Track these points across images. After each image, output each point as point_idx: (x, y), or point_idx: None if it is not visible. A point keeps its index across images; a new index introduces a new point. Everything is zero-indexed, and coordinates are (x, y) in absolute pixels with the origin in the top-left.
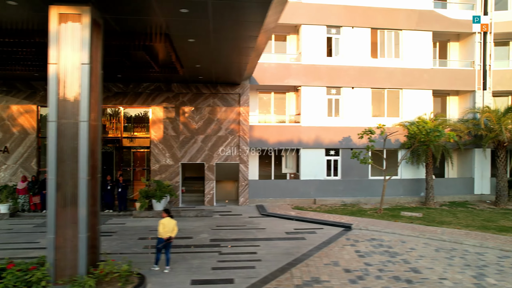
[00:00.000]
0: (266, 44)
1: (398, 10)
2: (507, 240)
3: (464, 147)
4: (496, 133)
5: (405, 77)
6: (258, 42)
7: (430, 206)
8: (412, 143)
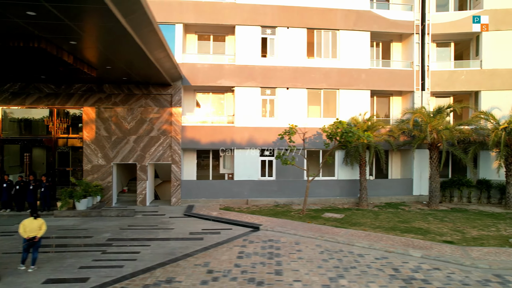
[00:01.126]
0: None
1: (335, 10)
2: (400, 241)
3: (400, 147)
4: (424, 134)
5: (342, 77)
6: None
7: (363, 207)
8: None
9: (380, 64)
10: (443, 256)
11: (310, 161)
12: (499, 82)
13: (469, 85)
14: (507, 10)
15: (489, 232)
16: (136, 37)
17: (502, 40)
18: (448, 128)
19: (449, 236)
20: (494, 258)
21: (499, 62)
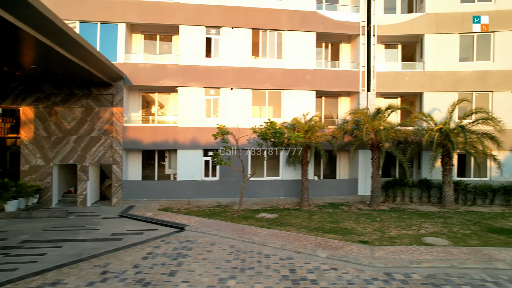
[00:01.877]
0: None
1: (280, 10)
2: (315, 242)
3: (343, 148)
4: (362, 135)
5: (287, 77)
6: None
7: (304, 207)
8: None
9: (329, 65)
10: (346, 256)
11: (255, 161)
12: (440, 84)
13: (413, 86)
14: (447, 14)
15: (409, 231)
16: (37, 34)
17: (443, 43)
18: (386, 128)
19: (368, 236)
20: (394, 257)
21: (440, 65)
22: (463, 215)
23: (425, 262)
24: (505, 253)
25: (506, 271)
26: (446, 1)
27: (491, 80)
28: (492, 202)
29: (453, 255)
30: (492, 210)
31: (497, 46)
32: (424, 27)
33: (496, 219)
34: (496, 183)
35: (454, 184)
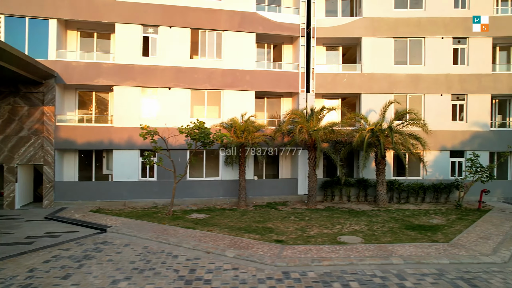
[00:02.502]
0: None
1: (220, 11)
2: (230, 242)
3: (279, 148)
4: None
5: (226, 78)
6: None
7: (241, 207)
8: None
9: (271, 66)
10: (252, 256)
11: (210, 162)
12: (376, 86)
13: (351, 88)
14: (382, 19)
15: (331, 230)
16: None
17: (379, 47)
18: (320, 129)
19: (286, 235)
20: (299, 256)
21: (377, 67)
22: (391, 213)
23: (327, 260)
24: (406, 249)
25: (399, 266)
26: (381, 7)
27: (422, 83)
28: (423, 200)
29: (358, 252)
30: (420, 207)
31: (427, 51)
32: (362, 30)
33: (418, 216)
34: (428, 182)
35: (389, 183)
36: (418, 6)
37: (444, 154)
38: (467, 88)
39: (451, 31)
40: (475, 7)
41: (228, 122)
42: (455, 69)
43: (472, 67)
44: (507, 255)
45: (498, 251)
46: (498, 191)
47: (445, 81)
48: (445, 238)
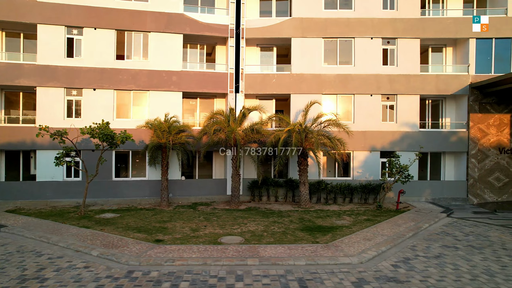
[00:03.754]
0: None
1: (145, 12)
2: (108, 241)
3: (202, 148)
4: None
5: (152, 79)
6: None
7: (162, 207)
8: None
9: (202, 67)
10: (113, 255)
11: (121, 161)
12: (306, 86)
13: (280, 88)
14: (312, 19)
15: (223, 230)
16: None
17: (308, 47)
18: (237, 129)
19: (172, 235)
20: (159, 256)
21: (306, 67)
22: (306, 214)
23: (182, 260)
24: (276, 250)
25: (250, 267)
26: (311, 7)
27: (352, 84)
28: (351, 200)
29: (222, 253)
30: (342, 208)
31: (357, 51)
32: (291, 31)
33: (329, 217)
34: (357, 183)
35: (317, 184)
36: (347, 6)
37: (374, 154)
38: (396, 89)
39: (380, 31)
40: (403, 8)
41: (151, 122)
42: (384, 69)
43: (401, 67)
44: (369, 256)
45: (365, 252)
46: (427, 191)
47: (374, 82)
48: (329, 239)
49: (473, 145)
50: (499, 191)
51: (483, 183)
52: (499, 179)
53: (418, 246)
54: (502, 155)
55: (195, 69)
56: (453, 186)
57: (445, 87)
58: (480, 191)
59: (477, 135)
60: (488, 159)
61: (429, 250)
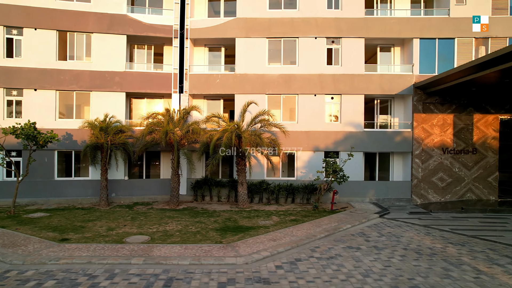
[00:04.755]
0: None
1: (88, 13)
2: (12, 240)
3: (141, 149)
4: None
5: (95, 79)
6: None
7: (101, 207)
8: None
9: (150, 67)
10: (3, 254)
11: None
12: (249, 86)
13: (224, 88)
14: (255, 19)
15: (137, 230)
16: None
17: (252, 47)
18: (167, 130)
19: (84, 234)
20: (48, 255)
21: (250, 68)
22: (238, 214)
23: (68, 259)
24: (164, 249)
25: (127, 266)
26: (255, 7)
27: (296, 84)
28: (293, 201)
29: (114, 252)
30: (278, 208)
31: (301, 51)
32: (235, 31)
33: (256, 218)
34: (300, 183)
35: (258, 184)
36: (292, 6)
37: (318, 154)
38: (340, 89)
39: (324, 31)
40: (348, 8)
41: (90, 122)
42: (329, 69)
43: (346, 67)
44: (259, 257)
45: (258, 253)
46: (372, 192)
47: (318, 82)
48: (237, 239)
49: (417, 145)
50: (443, 191)
51: (427, 183)
52: (442, 179)
53: (321, 247)
54: (446, 155)
55: (142, 69)
56: (398, 186)
57: (389, 87)
58: (424, 191)
59: (421, 135)
60: (432, 159)
61: (329, 251)
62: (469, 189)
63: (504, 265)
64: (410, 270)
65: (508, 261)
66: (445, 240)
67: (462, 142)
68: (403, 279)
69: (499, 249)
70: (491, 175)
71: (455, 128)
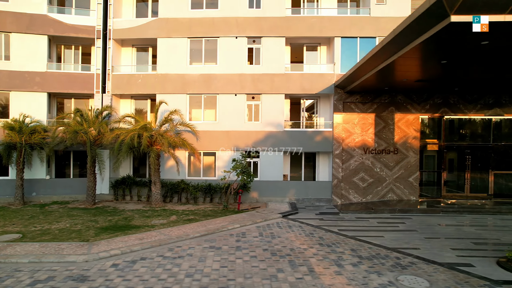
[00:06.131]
0: None
1: (6, 12)
2: None
3: (55, 148)
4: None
5: (14, 79)
6: None
7: (15, 206)
8: None
9: (80, 68)
10: None
11: None
12: (171, 86)
13: (145, 88)
14: (177, 19)
15: (17, 228)
16: None
17: (174, 47)
18: (80, 129)
19: None
20: None
21: (171, 67)
22: (142, 212)
23: None
24: (20, 247)
25: None
26: (177, 7)
27: (217, 83)
28: (211, 200)
29: None
30: (189, 208)
31: (222, 50)
32: (157, 31)
33: (155, 217)
34: (222, 183)
35: (177, 184)
36: (214, 6)
37: (238, 154)
38: (261, 88)
39: (244, 30)
40: (268, 7)
41: (5, 122)
42: (249, 69)
43: (266, 66)
44: (105, 255)
45: (107, 252)
46: (292, 191)
47: (239, 81)
48: (106, 237)
49: (337, 145)
50: (364, 191)
51: (348, 184)
52: (364, 179)
53: (182, 247)
54: (367, 155)
55: (69, 70)
56: (320, 186)
57: (310, 87)
58: (345, 191)
59: (341, 135)
60: (353, 159)
61: (185, 251)
62: (391, 189)
63: (343, 265)
64: (242, 271)
65: (354, 262)
66: (318, 241)
67: (383, 142)
68: (223, 280)
69: (360, 250)
70: (412, 175)
71: (377, 127)
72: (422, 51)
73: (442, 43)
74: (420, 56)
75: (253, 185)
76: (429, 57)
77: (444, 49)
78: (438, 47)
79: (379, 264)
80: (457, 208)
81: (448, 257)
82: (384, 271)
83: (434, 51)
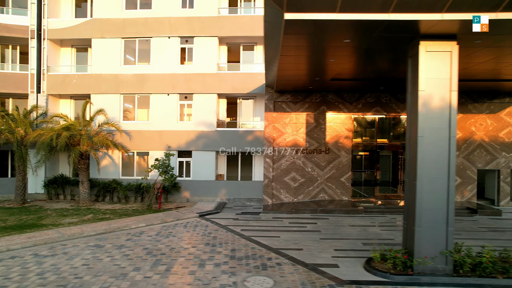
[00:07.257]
0: None
1: None
2: None
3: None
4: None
5: None
6: None
7: None
8: None
9: (18, 68)
10: None
11: None
12: (105, 86)
13: (80, 88)
14: (110, 20)
15: None
16: None
17: (108, 47)
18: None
19: None
20: None
21: (106, 68)
22: (61, 211)
23: None
24: None
25: None
26: (111, 7)
27: (149, 83)
28: (142, 199)
29: None
30: (115, 207)
31: (154, 50)
32: (91, 31)
33: (69, 216)
34: (149, 182)
35: (109, 183)
36: (147, 6)
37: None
38: (192, 88)
39: (176, 30)
40: (200, 7)
41: None
42: (182, 68)
43: (198, 66)
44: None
45: None
46: (223, 191)
47: (171, 81)
48: None
49: (268, 144)
50: (295, 191)
51: (279, 183)
52: (295, 179)
53: (67, 246)
54: (298, 154)
55: (6, 70)
56: (252, 186)
57: (241, 86)
58: (276, 191)
59: (272, 134)
60: (284, 159)
61: (66, 249)
62: (322, 189)
63: (205, 265)
64: (99, 269)
65: (221, 262)
66: (208, 241)
67: (315, 141)
68: (70, 278)
69: (241, 250)
70: (344, 175)
71: (308, 127)
72: (295, 49)
73: (309, 40)
74: (305, 54)
75: (185, 184)
76: (316, 55)
77: (317, 47)
78: (309, 45)
79: (244, 265)
80: (382, 209)
81: (322, 258)
82: (241, 272)
83: (308, 48)
